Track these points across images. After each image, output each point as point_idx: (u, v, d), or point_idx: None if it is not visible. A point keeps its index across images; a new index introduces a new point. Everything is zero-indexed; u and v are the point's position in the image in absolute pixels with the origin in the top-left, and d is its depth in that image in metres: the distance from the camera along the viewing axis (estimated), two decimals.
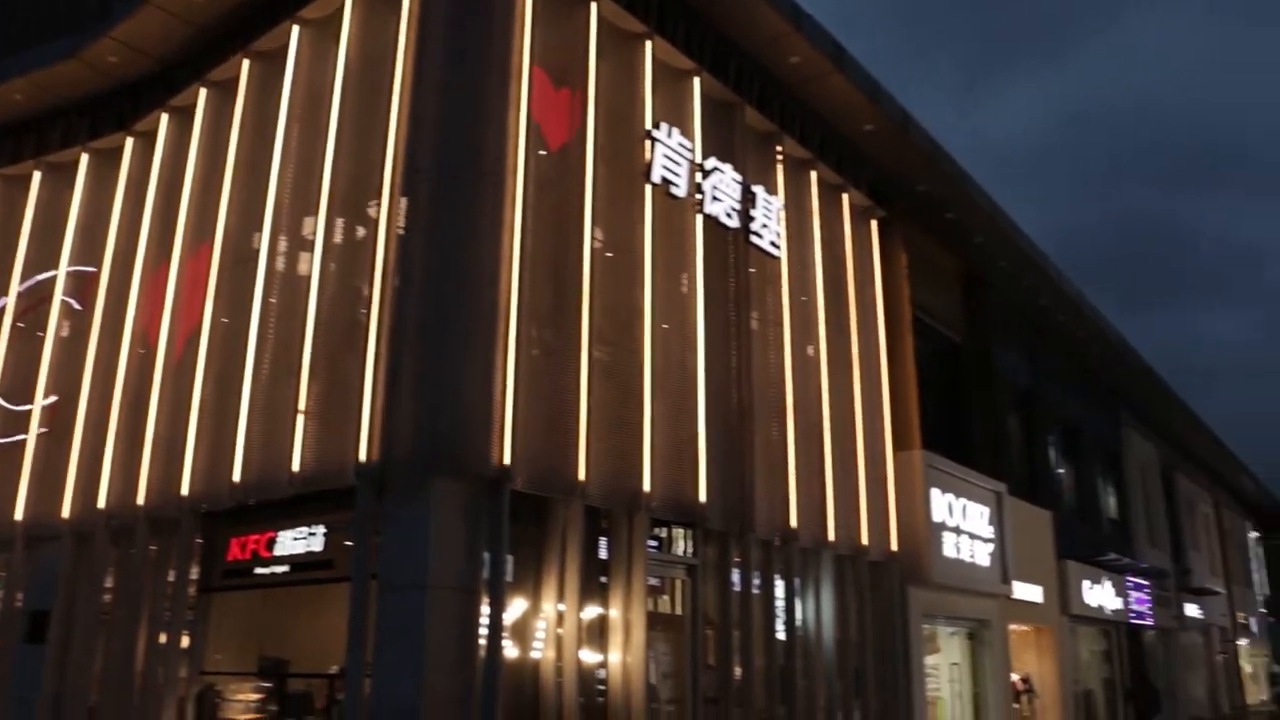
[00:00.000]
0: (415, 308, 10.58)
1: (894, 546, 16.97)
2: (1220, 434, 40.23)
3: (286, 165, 12.85)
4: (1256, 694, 48.78)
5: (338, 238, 11.97)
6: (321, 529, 11.41)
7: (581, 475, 11.18)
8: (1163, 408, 34.85)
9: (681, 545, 13.09)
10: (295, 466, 11.14)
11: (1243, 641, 46.75)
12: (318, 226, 11.88)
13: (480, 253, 10.78)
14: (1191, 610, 36.71)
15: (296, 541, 11.62)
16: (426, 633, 9.72)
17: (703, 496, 12.93)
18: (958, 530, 18.64)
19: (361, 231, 11.81)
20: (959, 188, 19.35)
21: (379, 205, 11.24)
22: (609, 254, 12.50)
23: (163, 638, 12.69)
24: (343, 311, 11.58)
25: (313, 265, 11.78)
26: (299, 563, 11.57)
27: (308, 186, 12.35)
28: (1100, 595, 26.67)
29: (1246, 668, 47.57)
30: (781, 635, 14.47)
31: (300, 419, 11.23)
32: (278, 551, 11.78)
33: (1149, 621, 30.89)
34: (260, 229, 12.75)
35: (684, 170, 13.69)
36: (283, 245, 12.63)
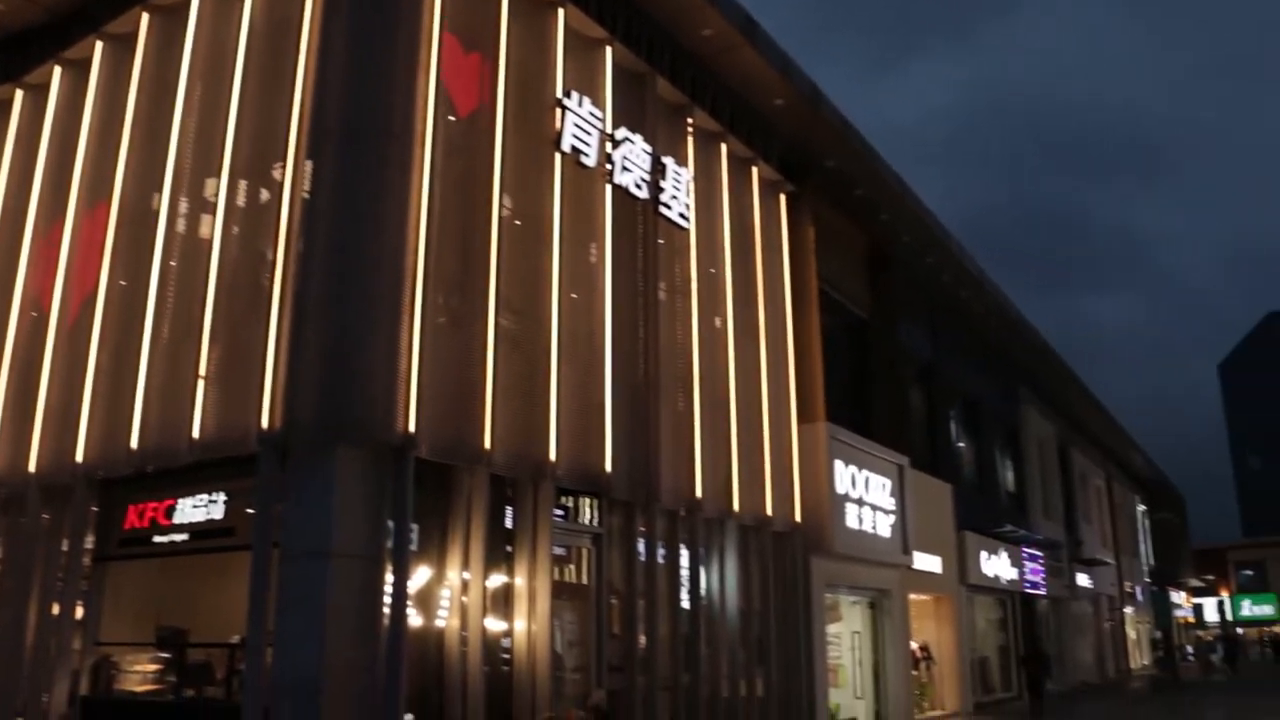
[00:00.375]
0: (320, 273, 10.46)
1: (797, 517, 17.30)
2: (1112, 411, 41.66)
3: (187, 124, 12.58)
4: (1139, 659, 50.84)
5: (241, 200, 11.77)
6: (222, 496, 11.28)
7: (487, 443, 11.20)
8: (1059, 385, 35.95)
9: (587, 514, 13.19)
10: (195, 433, 10.99)
11: (1129, 609, 48.63)
12: (220, 188, 11.67)
13: (387, 218, 10.70)
14: (1082, 580, 38.06)
15: (196, 509, 11.47)
16: (329, 601, 9.67)
17: (608, 466, 13.04)
18: (860, 502, 19.06)
19: (265, 195, 11.63)
20: (868, 165, 19.67)
21: (284, 168, 11.07)
22: (517, 222, 12.49)
23: (56, 608, 12.44)
24: (245, 276, 11.41)
25: (215, 228, 11.58)
26: (199, 531, 11.43)
27: (210, 147, 12.11)
28: (997, 566, 27.53)
29: (1131, 634, 49.51)
30: (686, 604, 14.68)
31: (201, 385, 11.07)
32: (177, 519, 11.62)
33: (1043, 591, 31.98)
34: (160, 189, 12.47)
35: (594, 140, 13.71)
36: (183, 207, 12.38)
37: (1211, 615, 76.07)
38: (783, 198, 18.57)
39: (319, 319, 10.33)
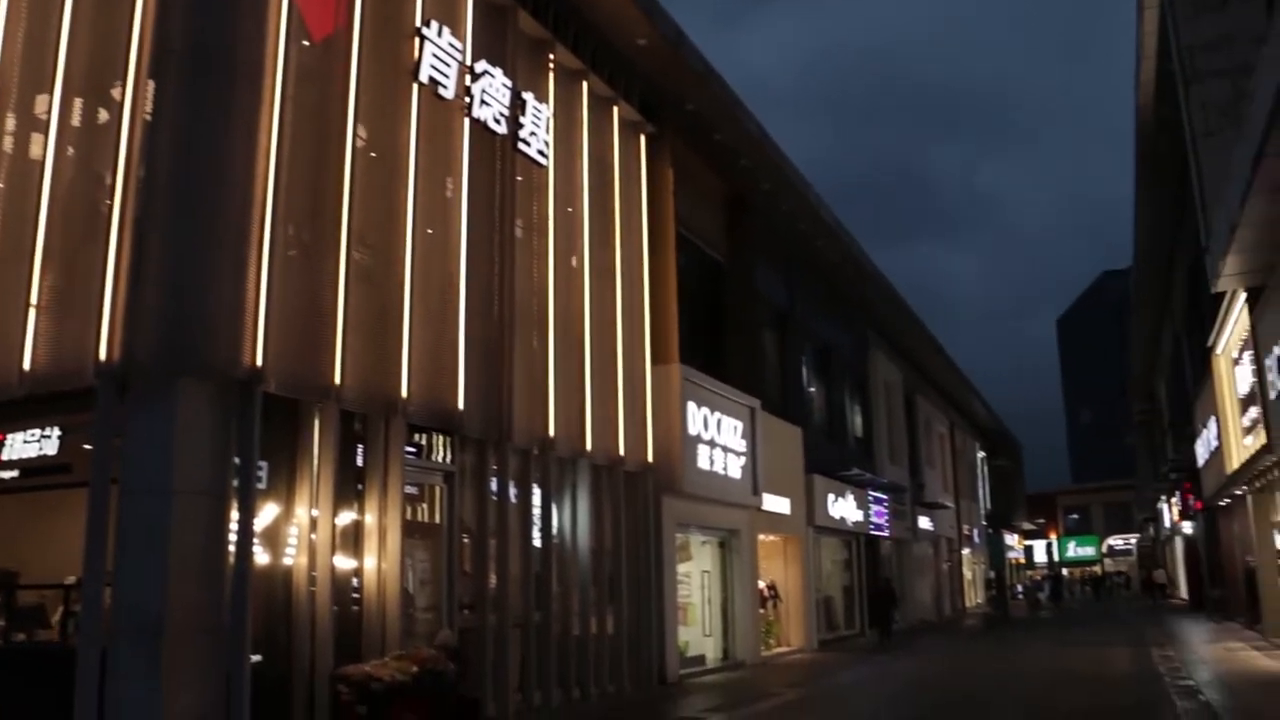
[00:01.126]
0: (162, 199, 10.09)
1: (650, 457, 17.61)
2: (956, 361, 43.37)
3: (14, 35, 11.87)
4: (974, 598, 53.49)
5: (76, 120, 11.24)
6: (57, 431, 10.87)
7: (337, 379, 11.07)
8: (907, 334, 37.21)
9: (439, 452, 13.20)
10: (26, 365, 10.54)
11: (966, 551, 51.04)
12: (53, 106, 11.11)
13: (234, 144, 10.37)
14: (924, 523, 39.76)
15: (28, 444, 11.02)
16: (171, 540, 9.45)
17: (461, 404, 13.05)
18: (712, 443, 19.49)
19: (104, 115, 11.13)
20: (728, 110, 19.88)
21: (124, 87, 10.61)
22: (372, 154, 12.28)
23: None
24: (81, 200, 10.93)
25: (47, 148, 11.03)
26: (31, 467, 10.99)
27: (41, 61, 11.49)
28: (843, 508, 28.52)
29: (967, 574, 52.02)
30: (538, 543, 14.87)
31: (32, 313, 10.61)
32: (7, 455, 11.14)
33: (886, 533, 33.30)
34: None
35: (453, 72, 13.53)
36: (11, 124, 11.75)
37: (1041, 556, 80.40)
38: (642, 139, 18.67)
39: (160, 246, 9.99)
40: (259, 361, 10.11)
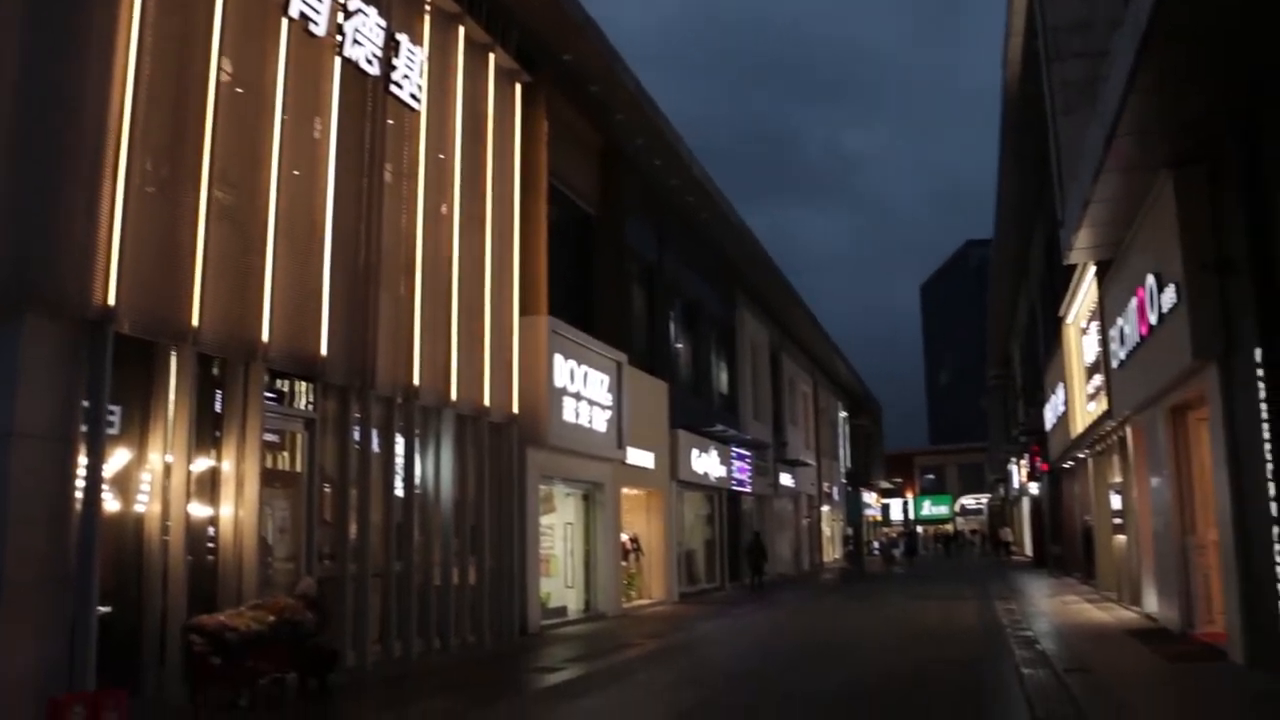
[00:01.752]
0: (6, 127, 9.61)
1: (515, 409, 17.65)
2: (822, 322, 44.33)
3: None
4: (832, 553, 55.10)
5: None
6: None
7: (195, 321, 10.81)
8: (774, 293, 37.83)
9: (301, 399, 13.01)
10: None
11: (825, 508, 52.47)
12: None
13: (87, 68, 9.95)
14: (786, 479, 40.69)
15: None
16: (12, 486, 9.13)
17: (324, 350, 12.88)
18: (578, 396, 19.61)
19: None
20: (605, 62, 19.84)
21: None
22: (237, 89, 11.94)
23: None
24: None
25: None
26: None
27: None
28: (707, 463, 29.02)
29: (826, 531, 53.54)
30: (400, 492, 14.81)
31: None
32: None
33: (748, 489, 34.01)
34: None
35: (325, 8, 13.18)
36: None
37: (897, 514, 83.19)
38: (518, 88, 18.51)
39: (4, 178, 9.54)
40: (111, 301, 9.81)
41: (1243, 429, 11.33)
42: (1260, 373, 10.45)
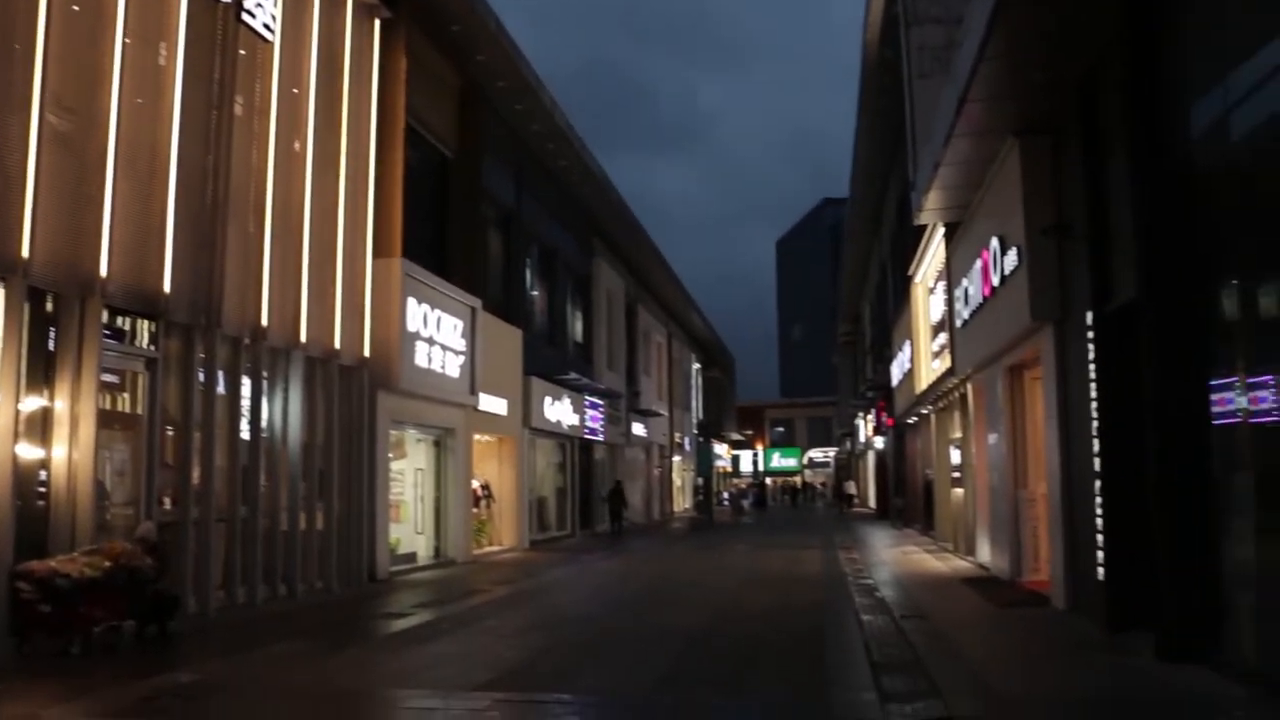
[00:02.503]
0: None
1: (366, 352, 17.43)
2: (678, 274, 44.77)
3: None
4: (682, 503, 56.10)
5: None
6: None
7: (24, 252, 10.35)
8: (631, 243, 37.97)
9: (142, 338, 12.58)
10: None
11: (677, 458, 53.30)
12: None
13: None
14: (638, 429, 41.16)
15: None
16: None
17: (167, 287, 12.48)
18: (431, 341, 19.45)
19: None
20: (466, 2, 19.49)
21: None
22: (74, 7, 11.36)
23: None
24: None
25: None
26: None
27: None
28: (560, 411, 29.14)
29: (677, 481, 54.43)
30: (246, 436, 14.51)
31: None
32: None
33: (601, 437, 34.32)
34: None
35: None
36: None
37: (747, 466, 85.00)
38: (377, 24, 18.06)
39: None
40: None
41: (1073, 388, 11.96)
42: (1091, 335, 11.04)
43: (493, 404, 23.58)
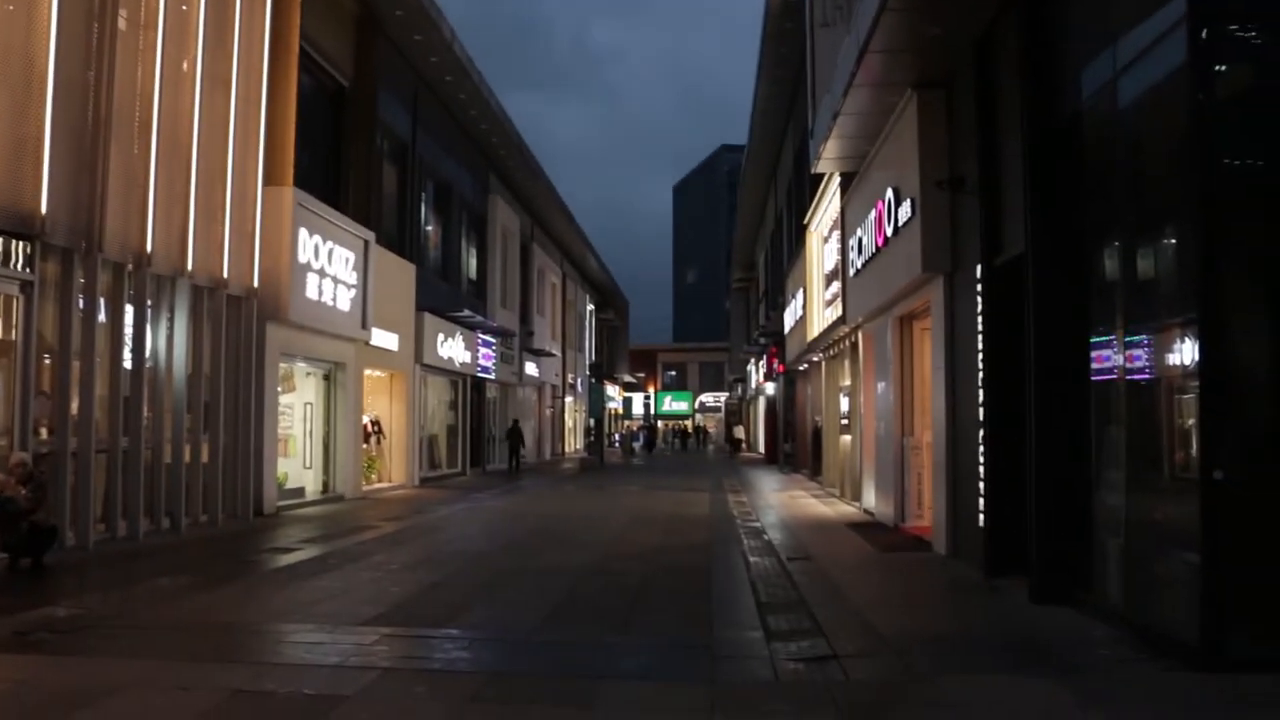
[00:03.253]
0: None
1: (255, 282, 17.05)
2: (574, 214, 44.58)
3: None
4: (574, 444, 56.32)
5: None
6: None
7: None
8: (528, 182, 37.65)
9: (16, 260, 12.10)
10: None
11: (569, 399, 53.41)
12: None
13: None
14: (530, 369, 41.10)
15: None
16: None
17: (44, 207, 12.02)
18: (322, 273, 19.11)
19: None
20: None
21: None
22: None
23: None
24: None
25: None
26: None
27: None
28: (452, 348, 28.95)
29: (569, 422, 54.58)
30: (129, 365, 14.13)
31: None
32: None
33: (492, 376, 34.19)
34: None
35: None
36: None
37: (638, 409, 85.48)
38: None
39: None
40: None
41: (961, 340, 12.30)
42: (979, 288, 11.35)
43: (384, 339, 23.33)
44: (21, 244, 12.07)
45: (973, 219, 11.65)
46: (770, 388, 43.55)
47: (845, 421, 22.53)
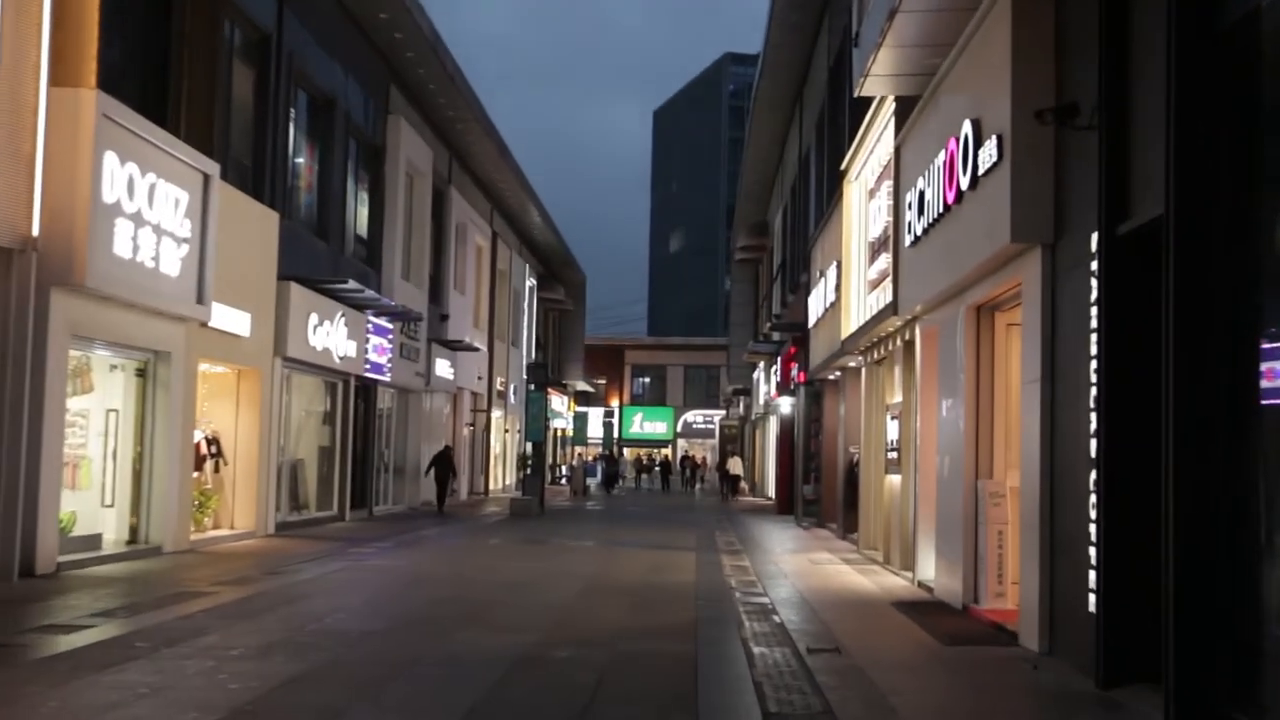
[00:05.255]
0: None
1: (35, 229, 16.84)
2: (509, 147, 44.44)
3: None
4: (502, 477, 56.00)
5: None
6: None
7: None
8: (446, 97, 37.40)
9: None
10: None
11: (497, 414, 53.17)
12: None
13: None
14: (443, 368, 40.85)
15: None
16: None
17: None
18: (139, 219, 18.85)
19: None
20: None
21: None
22: None
23: None
24: None
25: None
26: None
27: None
28: (331, 336, 28.68)
29: (496, 445, 54.27)
30: None
31: None
32: None
33: (387, 377, 33.87)
34: None
35: None
36: None
37: (597, 430, 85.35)
38: None
39: None
40: None
41: (1066, 341, 12.06)
42: (1095, 266, 11.09)
43: (230, 319, 23.00)
44: None
45: (1088, 167, 11.40)
46: (786, 404, 43.42)
47: (893, 455, 22.40)
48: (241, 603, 15.48)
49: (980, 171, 13.77)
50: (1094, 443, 11.05)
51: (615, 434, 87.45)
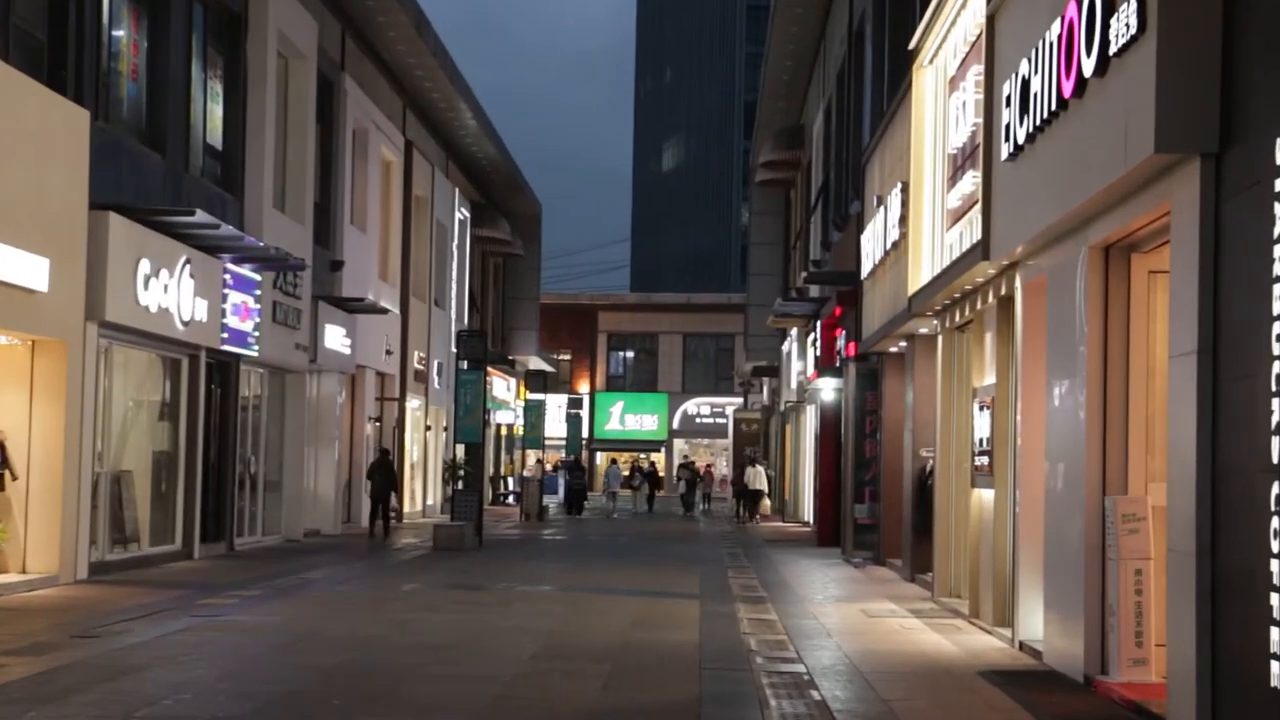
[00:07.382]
0: None
1: None
2: (433, 26, 44.42)
3: None
4: (426, 495, 55.83)
5: None
6: None
7: None
8: None
9: None
10: None
11: (414, 403, 52.95)
12: None
13: None
14: (335, 338, 40.63)
15: None
16: None
17: None
18: None
19: None
20: None
21: None
22: None
23: None
24: None
25: None
26: None
27: None
28: (172, 293, 28.46)
29: (414, 450, 53.99)
30: None
31: None
32: None
33: (254, 351, 33.68)
34: None
35: None
36: None
37: (558, 425, 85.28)
38: None
39: None
40: None
41: (1237, 293, 11.94)
42: None
43: (15, 265, 22.80)
44: None
45: (1275, 40, 11.30)
46: (829, 389, 43.37)
47: (983, 461, 22.30)
48: (39, 680, 15.35)
49: (1112, 50, 13.64)
50: (1277, 441, 10.97)
51: (585, 432, 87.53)
